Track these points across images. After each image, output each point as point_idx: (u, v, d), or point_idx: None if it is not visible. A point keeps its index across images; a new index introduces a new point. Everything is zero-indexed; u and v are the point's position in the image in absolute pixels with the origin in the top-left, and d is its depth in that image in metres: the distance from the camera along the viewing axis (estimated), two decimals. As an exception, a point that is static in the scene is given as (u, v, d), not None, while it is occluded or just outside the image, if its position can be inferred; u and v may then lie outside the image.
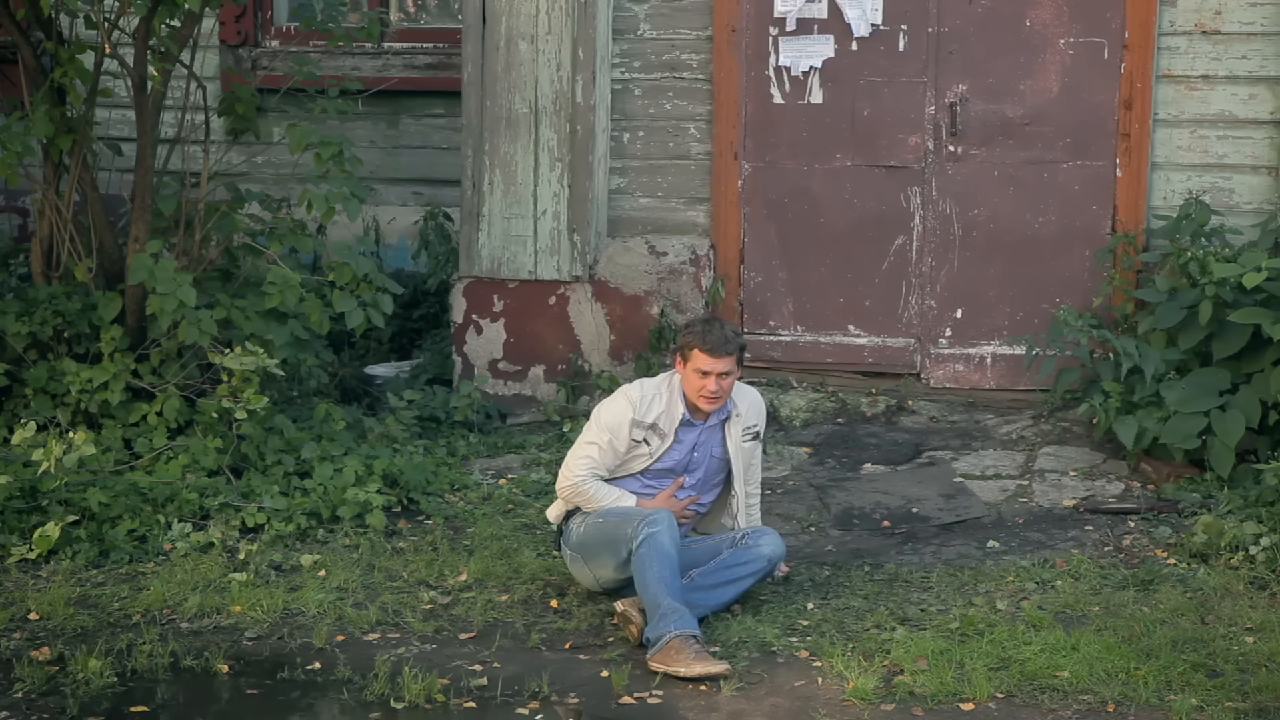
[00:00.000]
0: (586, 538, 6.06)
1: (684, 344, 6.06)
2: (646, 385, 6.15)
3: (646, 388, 6.13)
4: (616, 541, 5.93)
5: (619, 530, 5.93)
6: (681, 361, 6.07)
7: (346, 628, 5.95)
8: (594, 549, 6.04)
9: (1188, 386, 7.22)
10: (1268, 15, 7.84)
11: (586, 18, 8.17)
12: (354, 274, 7.21)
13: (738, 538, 6.08)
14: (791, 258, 8.44)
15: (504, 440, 7.99)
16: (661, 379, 6.19)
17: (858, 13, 8.23)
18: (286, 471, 7.05)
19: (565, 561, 6.23)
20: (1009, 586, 6.27)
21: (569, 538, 6.14)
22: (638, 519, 5.88)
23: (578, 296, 8.36)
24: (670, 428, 6.10)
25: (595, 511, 6.06)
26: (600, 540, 6.01)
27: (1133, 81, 7.99)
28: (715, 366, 6.00)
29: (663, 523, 5.84)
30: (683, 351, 6.06)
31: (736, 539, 6.07)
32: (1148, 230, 8.04)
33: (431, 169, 9.57)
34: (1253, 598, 6.06)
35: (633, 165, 8.53)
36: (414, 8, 10.04)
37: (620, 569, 5.97)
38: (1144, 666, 5.47)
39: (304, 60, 8.21)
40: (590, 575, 6.12)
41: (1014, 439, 7.82)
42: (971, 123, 8.22)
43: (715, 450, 6.17)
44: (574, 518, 6.13)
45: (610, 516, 6.01)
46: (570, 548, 6.13)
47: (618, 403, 6.10)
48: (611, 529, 5.96)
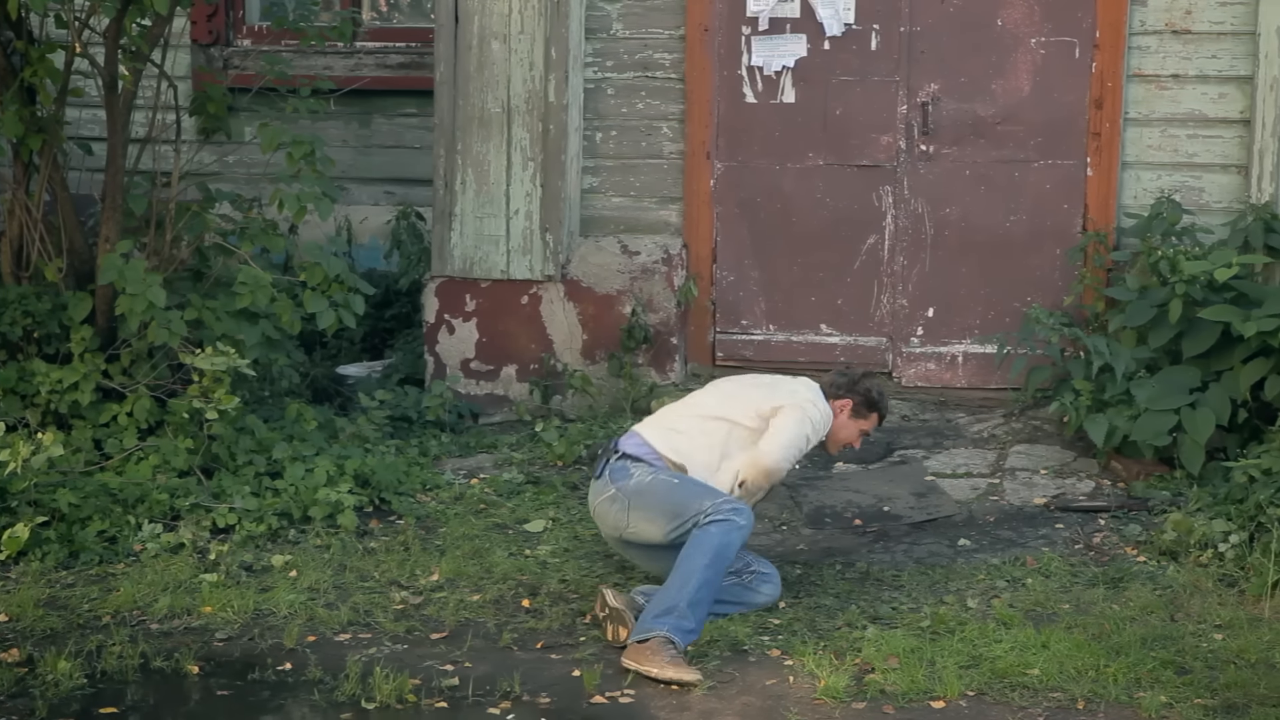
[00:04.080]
0: (653, 489, 5.89)
1: (869, 403, 6.26)
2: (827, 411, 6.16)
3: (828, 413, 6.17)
4: (682, 512, 5.79)
5: (692, 501, 5.79)
6: (854, 414, 6.23)
7: (318, 628, 5.94)
8: (651, 504, 5.87)
9: (1158, 384, 7.24)
10: (1238, 15, 7.87)
11: (559, 17, 8.16)
12: (325, 274, 7.20)
13: (741, 569, 5.99)
14: (764, 257, 8.45)
15: (476, 440, 7.98)
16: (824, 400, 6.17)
17: (830, 12, 8.24)
18: (258, 472, 7.03)
19: (596, 496, 6.05)
20: (980, 584, 6.28)
21: (626, 478, 5.94)
22: (721, 500, 5.79)
23: (550, 296, 8.36)
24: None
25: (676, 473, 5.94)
26: (665, 501, 5.85)
27: (1103, 81, 8.02)
28: (873, 431, 6.37)
29: (748, 522, 5.81)
30: (861, 408, 6.23)
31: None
32: (1118, 229, 8.07)
33: (404, 168, 9.56)
34: (1222, 595, 6.09)
35: (605, 164, 8.53)
36: (386, 7, 10.03)
37: (664, 537, 5.85)
38: (1114, 664, 5.50)
39: (276, 59, 8.18)
40: (623, 522, 5.95)
41: (985, 437, 7.84)
42: (943, 122, 8.24)
43: None
44: (639, 464, 5.97)
45: (689, 484, 5.90)
46: (623, 491, 5.93)
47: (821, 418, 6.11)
48: (684, 496, 5.83)
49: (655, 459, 6.00)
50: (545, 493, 7.27)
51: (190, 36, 9.50)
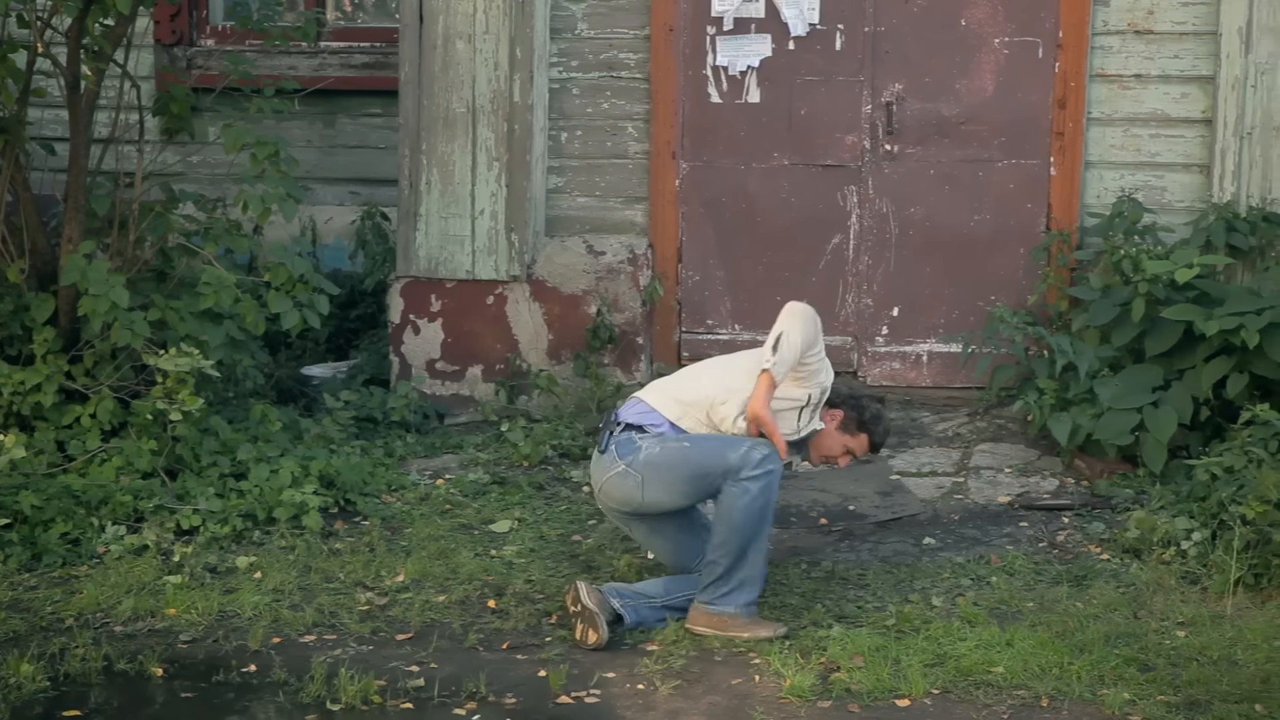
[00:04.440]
0: (665, 458, 5.78)
1: (861, 423, 6.01)
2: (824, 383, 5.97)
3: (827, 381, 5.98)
4: (705, 473, 5.72)
5: (716, 459, 5.71)
6: (841, 427, 6.01)
7: (282, 629, 5.93)
8: (667, 474, 5.78)
9: (1121, 383, 7.28)
10: (1199, 15, 7.92)
11: (524, 17, 8.16)
12: (290, 274, 7.17)
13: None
14: (729, 257, 8.46)
15: (441, 440, 7.97)
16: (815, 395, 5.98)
17: (795, 12, 8.26)
18: (222, 473, 7.00)
19: (604, 472, 5.90)
20: (945, 583, 6.30)
21: (634, 452, 5.82)
22: (746, 448, 5.68)
23: (515, 296, 8.35)
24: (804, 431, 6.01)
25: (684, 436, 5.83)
26: (682, 467, 5.76)
27: (1066, 81, 8.05)
28: (862, 457, 6.14)
29: (778, 466, 5.74)
30: (850, 424, 6.00)
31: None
32: (1081, 228, 8.10)
33: (368, 169, 9.54)
34: (1184, 592, 6.12)
35: (570, 164, 8.53)
36: (350, 7, 10.00)
37: (687, 500, 5.85)
38: (1077, 661, 5.52)
39: (239, 59, 8.15)
40: (636, 497, 5.85)
41: (950, 436, 7.86)
42: (908, 122, 8.26)
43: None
44: (648, 437, 5.85)
45: (701, 442, 5.81)
46: (634, 466, 5.81)
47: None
48: (702, 456, 5.75)
49: (658, 421, 5.88)
50: (511, 493, 7.27)
51: (153, 36, 9.46)
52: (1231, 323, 7.00)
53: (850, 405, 6.03)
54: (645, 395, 6.02)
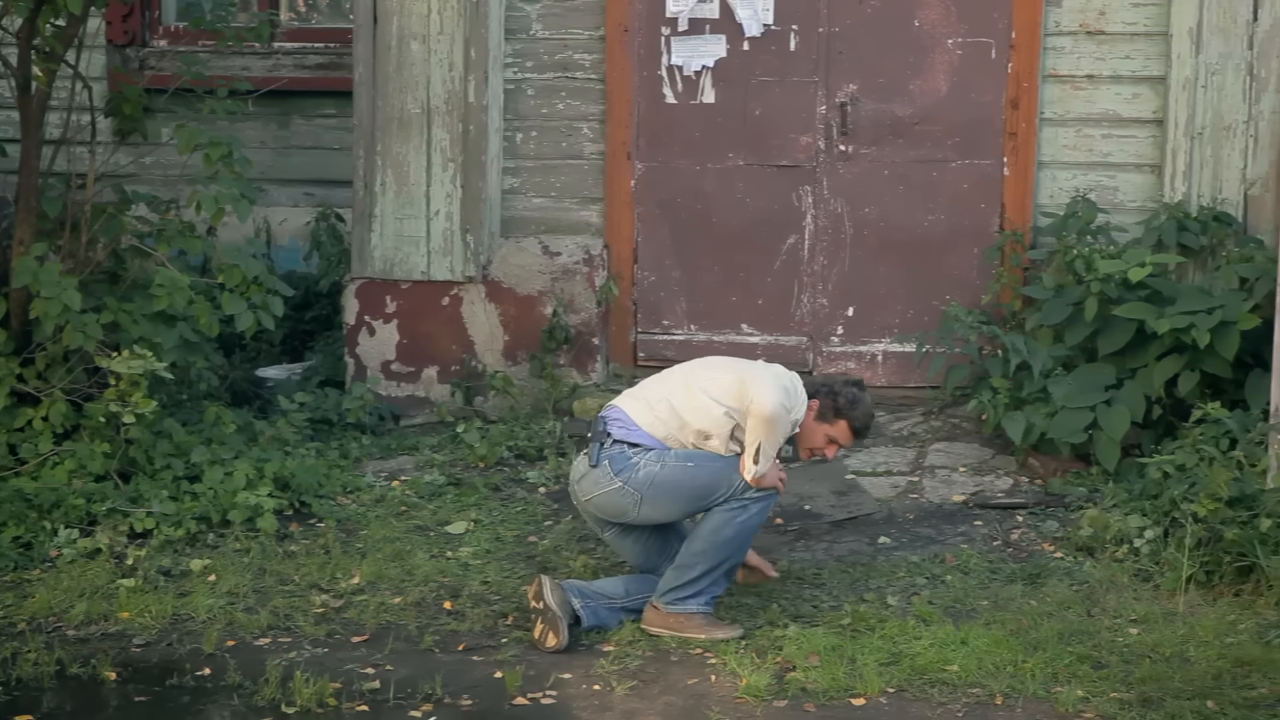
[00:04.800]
0: (670, 478, 5.75)
1: (838, 409, 5.90)
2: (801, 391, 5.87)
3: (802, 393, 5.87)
4: (712, 493, 5.74)
5: (722, 479, 5.73)
6: (819, 417, 5.90)
7: (237, 633, 5.91)
8: (669, 492, 5.76)
9: (1074, 382, 7.32)
10: (1150, 16, 7.97)
11: (478, 17, 8.15)
12: (244, 276, 7.14)
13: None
14: (685, 257, 8.47)
15: (397, 442, 7.95)
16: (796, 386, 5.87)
17: (749, 13, 8.27)
18: (176, 476, 6.97)
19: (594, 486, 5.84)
20: (900, 582, 6.33)
21: (631, 470, 5.76)
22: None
23: (471, 297, 8.34)
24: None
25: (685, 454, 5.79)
26: (686, 487, 5.75)
27: (1019, 81, 8.09)
28: (848, 444, 6.02)
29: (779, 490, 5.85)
30: (828, 412, 5.89)
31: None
32: (1035, 228, 8.14)
33: (323, 170, 9.51)
34: (1137, 590, 6.16)
35: (526, 165, 8.52)
36: (304, 7, 9.97)
37: (682, 517, 5.87)
38: (1031, 659, 5.55)
39: (192, 60, 8.12)
40: (631, 513, 5.83)
41: (905, 435, 7.89)
42: (862, 122, 8.28)
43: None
44: (645, 453, 5.79)
45: (709, 463, 5.77)
46: (632, 484, 5.76)
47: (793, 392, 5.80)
48: (712, 478, 5.74)
49: (648, 442, 5.82)
50: (467, 494, 7.26)
51: (105, 37, 9.41)
52: (1183, 321, 7.05)
53: (825, 393, 5.94)
54: (631, 411, 5.92)
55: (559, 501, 7.21)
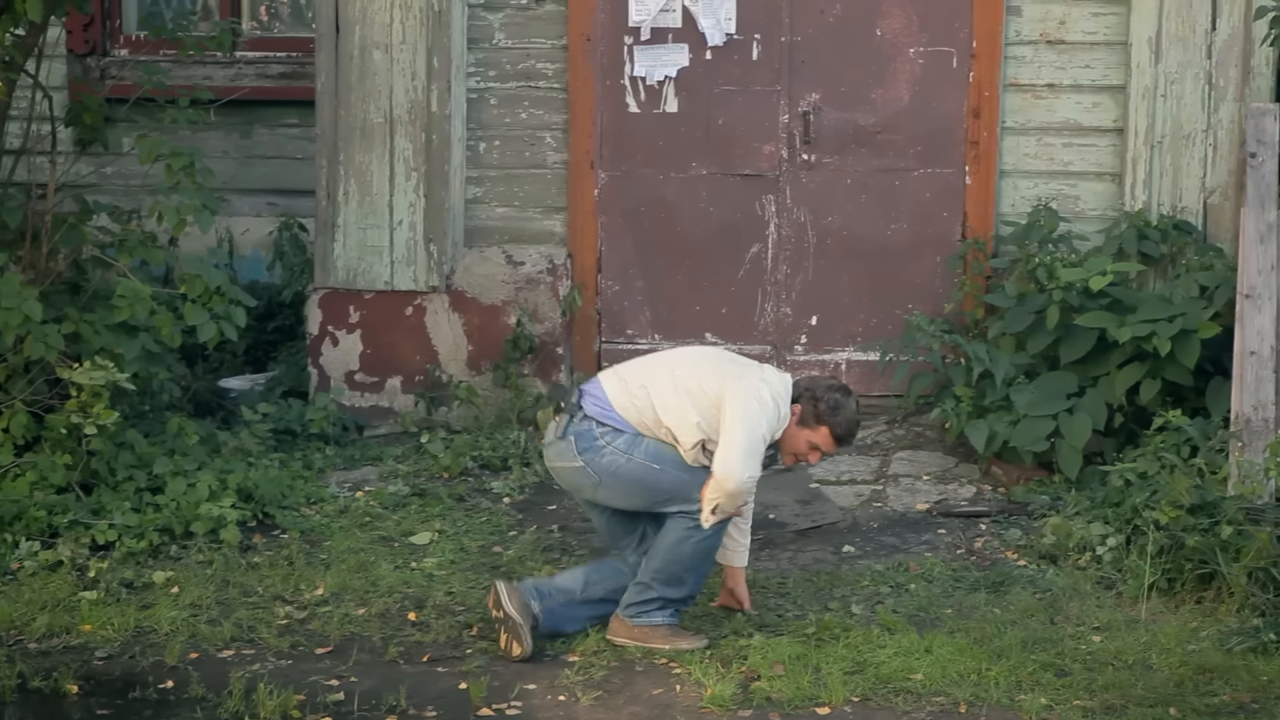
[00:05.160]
0: (632, 475, 5.71)
1: (819, 415, 5.76)
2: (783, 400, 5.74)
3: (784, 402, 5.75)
4: (670, 499, 5.70)
5: (681, 490, 5.68)
6: (801, 423, 5.76)
7: (200, 645, 5.89)
8: (626, 486, 5.74)
9: (1036, 390, 7.35)
10: (1110, 25, 8.01)
11: (441, 27, 8.14)
12: (206, 286, 7.11)
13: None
14: (648, 266, 8.47)
15: (361, 452, 7.93)
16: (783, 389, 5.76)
17: (712, 22, 8.29)
18: (138, 487, 6.93)
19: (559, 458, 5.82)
20: (864, 591, 6.34)
21: (596, 454, 5.72)
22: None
23: (435, 307, 8.33)
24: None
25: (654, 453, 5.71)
26: (648, 490, 5.72)
27: (981, 90, 8.13)
28: (832, 451, 5.90)
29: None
30: (809, 417, 5.76)
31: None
32: (997, 237, 8.17)
33: (286, 179, 9.48)
34: (1100, 597, 6.19)
35: (489, 175, 8.51)
36: (267, 16, 9.95)
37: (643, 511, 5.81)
38: (995, 667, 5.57)
39: (154, 69, 8.08)
40: (588, 494, 5.83)
41: (868, 444, 7.91)
42: (825, 131, 8.31)
43: None
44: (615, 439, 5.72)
45: (671, 470, 5.69)
46: (593, 467, 5.72)
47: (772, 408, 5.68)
48: (672, 486, 5.69)
49: (621, 425, 5.74)
50: (431, 504, 7.24)
51: (66, 46, 9.35)
52: (1144, 330, 7.09)
53: (807, 398, 5.79)
54: (610, 391, 5.82)
55: (524, 511, 7.21)
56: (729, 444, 5.59)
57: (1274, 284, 6.55)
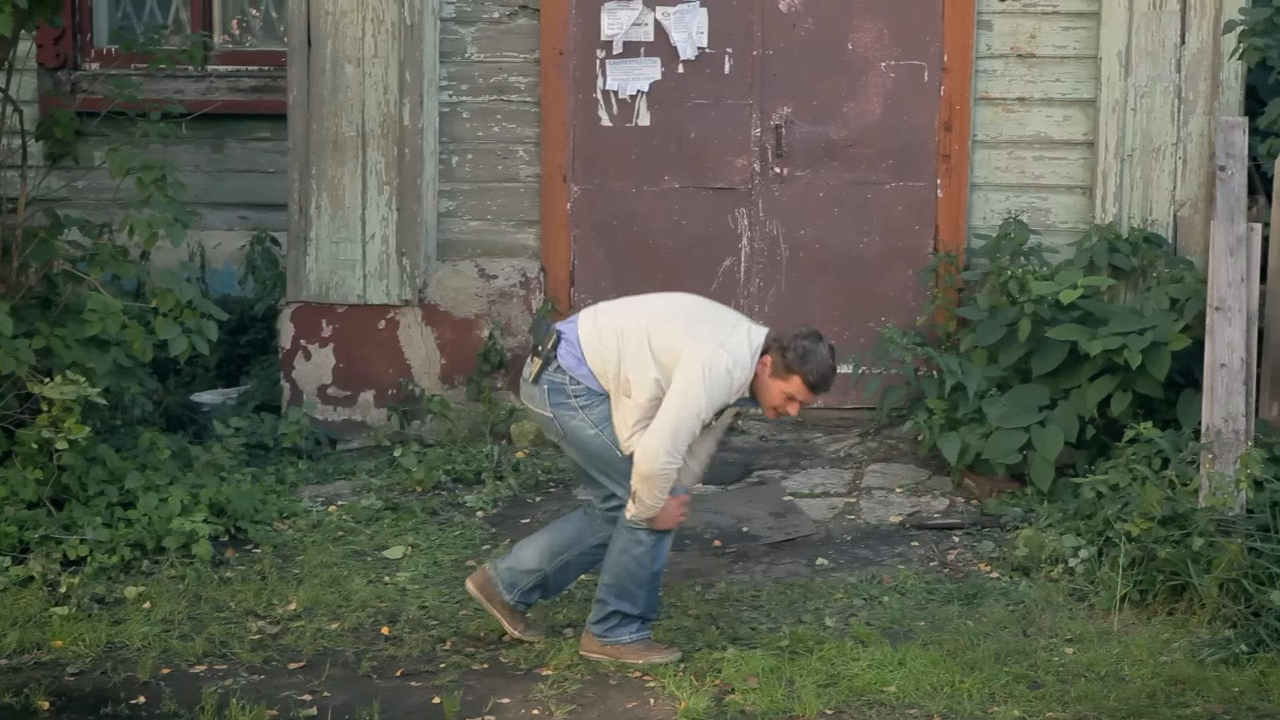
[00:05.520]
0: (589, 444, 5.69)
1: (788, 364, 5.56)
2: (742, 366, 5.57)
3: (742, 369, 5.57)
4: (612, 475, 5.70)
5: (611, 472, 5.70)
6: (771, 370, 5.57)
7: (172, 660, 5.86)
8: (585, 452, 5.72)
9: (1008, 403, 7.37)
10: (1080, 39, 8.05)
11: (413, 41, 8.14)
12: (178, 300, 7.09)
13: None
14: (621, 279, 8.47)
15: (334, 466, 7.92)
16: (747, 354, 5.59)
17: (684, 36, 8.30)
18: (110, 502, 6.91)
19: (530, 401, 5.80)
20: (837, 603, 6.35)
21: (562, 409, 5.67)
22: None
23: (407, 320, 8.32)
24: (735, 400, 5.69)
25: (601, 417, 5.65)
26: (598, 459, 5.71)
27: (952, 104, 8.16)
28: (809, 400, 5.68)
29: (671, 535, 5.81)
30: (779, 368, 5.56)
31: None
32: (968, 249, 8.20)
33: (258, 193, 9.47)
34: (1072, 609, 6.21)
35: (462, 188, 8.51)
36: (239, 30, 9.93)
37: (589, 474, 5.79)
38: (968, 679, 5.58)
39: (125, 83, 8.06)
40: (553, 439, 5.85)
41: (842, 457, 7.92)
42: (797, 145, 8.33)
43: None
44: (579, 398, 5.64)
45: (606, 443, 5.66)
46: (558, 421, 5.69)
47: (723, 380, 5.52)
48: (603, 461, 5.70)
49: (585, 375, 5.66)
50: (404, 519, 7.23)
51: (36, 60, 9.33)
52: (1115, 342, 7.12)
53: (776, 349, 5.61)
54: (584, 336, 5.71)
55: (497, 525, 7.20)
56: (654, 427, 5.53)
57: (1244, 296, 6.57)
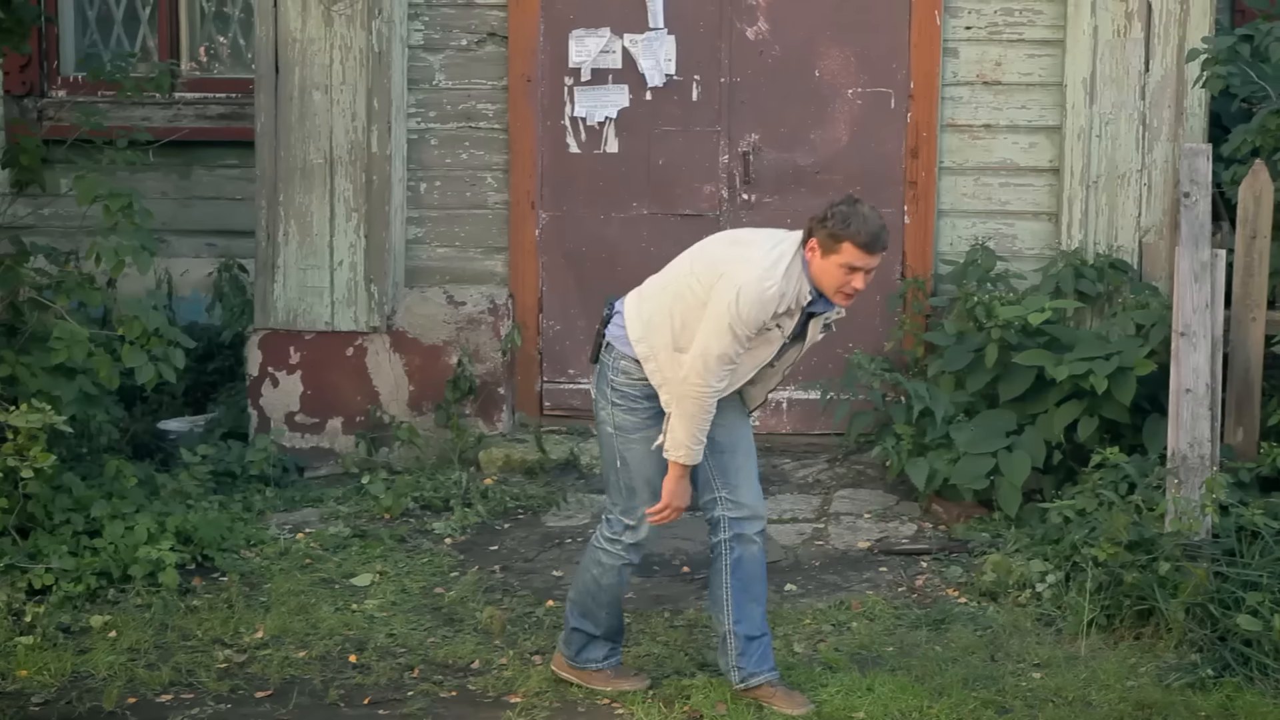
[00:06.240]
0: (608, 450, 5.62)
1: (833, 233, 5.24)
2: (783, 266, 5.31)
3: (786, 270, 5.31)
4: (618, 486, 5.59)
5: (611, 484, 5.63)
6: (820, 251, 5.28)
7: (138, 689, 5.83)
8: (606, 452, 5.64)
9: (976, 428, 7.39)
10: (1045, 66, 8.10)
11: (381, 68, 8.15)
12: (144, 328, 7.06)
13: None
14: (590, 306, 8.48)
15: (301, 494, 7.89)
16: (791, 255, 5.34)
17: (652, 63, 8.33)
18: (75, 531, 6.86)
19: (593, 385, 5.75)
20: (806, 629, 6.35)
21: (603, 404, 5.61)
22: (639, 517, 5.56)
23: (376, 347, 8.31)
24: (798, 307, 5.40)
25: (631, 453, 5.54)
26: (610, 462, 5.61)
27: (918, 131, 8.20)
28: (869, 263, 5.31)
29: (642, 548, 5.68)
30: (827, 241, 5.26)
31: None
32: (936, 275, 8.23)
33: (225, 220, 9.46)
34: (1040, 634, 6.22)
35: (430, 215, 8.51)
36: (206, 57, 9.92)
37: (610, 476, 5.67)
38: (936, 705, 5.59)
39: (92, 111, 8.06)
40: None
41: (810, 482, 7.93)
42: (764, 171, 8.35)
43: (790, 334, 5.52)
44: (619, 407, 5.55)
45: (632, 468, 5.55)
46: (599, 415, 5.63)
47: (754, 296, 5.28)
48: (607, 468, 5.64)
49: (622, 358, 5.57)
50: (372, 546, 7.21)
51: (2, 87, 9.30)
52: (1081, 368, 7.15)
53: (816, 226, 5.32)
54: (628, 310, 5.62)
55: (466, 552, 7.19)
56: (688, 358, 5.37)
57: (1209, 322, 6.61)
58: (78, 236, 7.95)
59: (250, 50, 9.29)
